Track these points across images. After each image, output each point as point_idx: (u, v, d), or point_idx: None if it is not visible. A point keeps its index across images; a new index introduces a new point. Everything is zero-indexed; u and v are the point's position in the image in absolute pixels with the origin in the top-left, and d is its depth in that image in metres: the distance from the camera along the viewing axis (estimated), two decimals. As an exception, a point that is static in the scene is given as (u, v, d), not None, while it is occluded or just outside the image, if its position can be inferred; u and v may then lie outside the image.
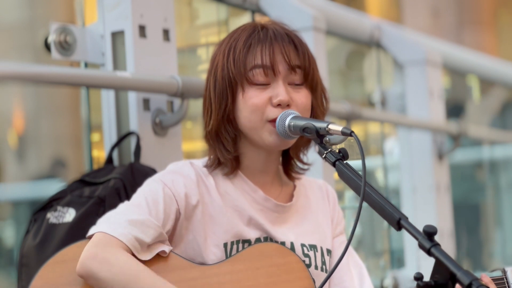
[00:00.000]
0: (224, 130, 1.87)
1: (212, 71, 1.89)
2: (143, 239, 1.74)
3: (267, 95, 1.84)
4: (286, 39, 1.86)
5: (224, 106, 1.86)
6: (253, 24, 1.90)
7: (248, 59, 1.84)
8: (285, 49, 1.85)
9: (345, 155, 1.71)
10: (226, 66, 1.85)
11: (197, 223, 1.83)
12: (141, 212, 1.77)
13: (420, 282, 1.51)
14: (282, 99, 1.82)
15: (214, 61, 1.90)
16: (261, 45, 1.84)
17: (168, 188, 1.82)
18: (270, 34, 1.86)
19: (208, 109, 1.89)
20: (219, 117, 1.86)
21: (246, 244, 1.84)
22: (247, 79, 1.84)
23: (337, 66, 4.25)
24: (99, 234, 1.74)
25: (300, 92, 1.87)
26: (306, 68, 1.87)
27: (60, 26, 2.30)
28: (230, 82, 1.85)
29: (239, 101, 1.85)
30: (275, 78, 1.85)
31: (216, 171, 1.90)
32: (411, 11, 10.87)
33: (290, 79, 1.86)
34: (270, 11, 3.14)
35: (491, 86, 6.04)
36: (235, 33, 1.90)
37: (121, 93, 2.41)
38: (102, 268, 1.68)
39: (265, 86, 1.85)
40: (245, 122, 1.85)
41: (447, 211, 4.07)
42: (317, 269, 1.90)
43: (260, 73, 1.84)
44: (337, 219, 2.02)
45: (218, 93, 1.86)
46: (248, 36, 1.86)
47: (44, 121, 8.43)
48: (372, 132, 4.31)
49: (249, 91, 1.84)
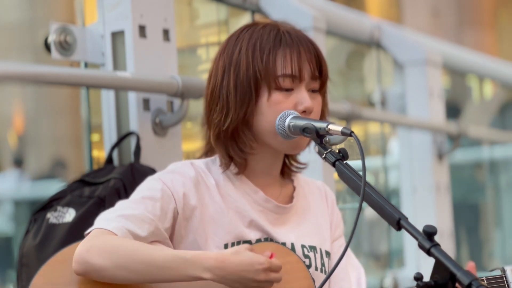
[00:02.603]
0: (241, 131, 1.85)
1: (232, 68, 1.85)
2: (137, 233, 1.73)
3: (292, 102, 1.83)
4: (311, 46, 1.86)
5: (246, 106, 1.83)
6: (275, 24, 1.88)
7: (278, 62, 1.83)
8: (311, 58, 1.85)
9: (345, 155, 1.70)
10: (252, 65, 1.83)
11: (197, 224, 1.83)
12: (137, 208, 1.77)
13: (420, 282, 1.51)
14: (308, 106, 1.83)
15: (231, 58, 1.85)
16: (289, 49, 1.83)
17: (166, 186, 1.82)
18: (295, 38, 1.85)
19: (226, 106, 1.85)
20: (239, 117, 1.83)
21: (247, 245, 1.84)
22: (276, 83, 1.83)
23: (337, 66, 4.25)
24: (94, 230, 1.74)
25: (316, 98, 1.88)
26: (325, 76, 1.89)
27: (60, 26, 2.30)
28: (256, 81, 1.83)
29: (263, 104, 1.83)
30: (299, 84, 1.85)
31: (215, 167, 1.89)
32: (411, 11, 10.87)
33: (310, 86, 1.87)
34: (270, 11, 3.14)
35: (491, 86, 6.05)
36: (253, 31, 1.87)
37: (121, 93, 2.41)
38: (98, 256, 1.67)
39: (290, 91, 1.84)
40: (266, 126, 1.84)
41: (447, 211, 4.07)
42: (317, 270, 1.90)
43: (288, 80, 1.84)
44: (336, 222, 2.01)
45: (240, 92, 1.83)
46: (275, 36, 1.85)
47: (44, 121, 8.43)
48: (372, 132, 4.31)
49: (275, 95, 1.83)
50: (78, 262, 1.68)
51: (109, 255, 1.67)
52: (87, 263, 1.68)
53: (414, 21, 10.44)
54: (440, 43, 5.01)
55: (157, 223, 1.77)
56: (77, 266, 1.69)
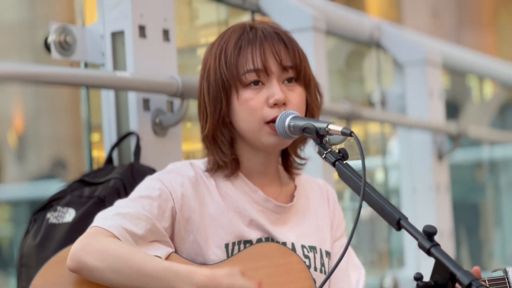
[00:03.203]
0: (220, 134, 1.87)
1: (205, 75, 1.88)
2: (134, 231, 1.73)
3: (263, 96, 1.84)
4: (276, 38, 1.86)
5: (219, 109, 1.85)
6: (242, 25, 1.89)
7: (240, 62, 1.84)
8: (275, 49, 1.84)
9: (345, 155, 1.70)
10: (219, 70, 1.85)
11: (197, 224, 1.83)
12: (134, 206, 1.77)
13: (420, 282, 1.50)
14: (278, 98, 1.82)
15: (205, 64, 1.89)
16: (251, 47, 1.84)
17: (165, 186, 1.82)
18: (260, 34, 1.85)
19: (204, 112, 1.88)
20: (214, 121, 1.86)
21: (248, 244, 1.84)
22: (241, 82, 1.84)
23: (337, 66, 4.25)
24: (90, 228, 1.75)
25: (294, 90, 1.86)
26: (297, 65, 1.86)
27: (60, 26, 2.30)
28: (223, 85, 1.84)
29: (235, 104, 1.85)
30: (268, 78, 1.84)
31: (217, 173, 1.90)
32: (411, 11, 10.87)
33: (283, 77, 1.86)
34: (270, 11, 3.14)
35: (491, 86, 6.05)
36: (225, 35, 1.89)
37: (121, 93, 2.41)
38: (91, 256, 1.67)
39: (259, 87, 1.84)
40: (242, 125, 1.85)
41: (447, 211, 4.07)
42: (316, 270, 1.90)
43: (253, 76, 1.84)
44: (338, 222, 2.01)
45: (212, 97, 1.86)
46: (238, 38, 1.86)
47: (44, 121, 8.43)
48: (372, 132, 4.31)
49: (244, 94, 1.84)
50: (72, 260, 1.69)
51: (102, 257, 1.67)
52: (80, 261, 1.68)
53: (414, 21, 10.43)
54: (440, 43, 5.01)
55: (154, 221, 1.77)
56: (70, 263, 1.69)
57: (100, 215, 1.79)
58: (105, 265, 1.67)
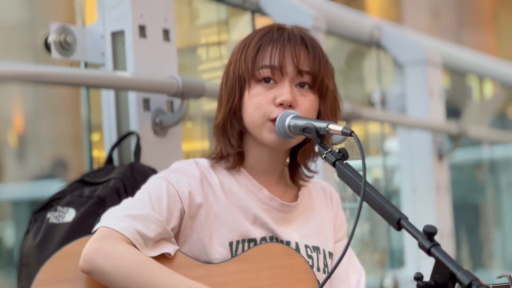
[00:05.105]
0: (230, 125, 1.88)
1: (227, 67, 1.92)
2: (145, 233, 1.74)
3: (271, 95, 1.84)
4: (299, 41, 1.86)
5: (232, 101, 1.87)
6: (272, 25, 1.92)
7: (258, 58, 1.85)
8: (296, 51, 1.85)
9: (345, 155, 1.70)
10: (238, 63, 1.87)
11: (201, 222, 1.83)
12: (144, 208, 1.78)
13: (420, 282, 1.50)
14: (284, 99, 1.82)
15: (230, 57, 1.92)
16: (272, 45, 1.85)
17: (172, 186, 1.83)
18: (285, 35, 1.87)
19: (220, 103, 1.91)
20: (226, 112, 1.88)
21: (252, 243, 1.84)
22: (254, 77, 1.85)
23: (337, 66, 4.24)
24: (101, 229, 1.74)
25: (306, 96, 1.86)
26: (315, 72, 1.86)
27: (60, 26, 2.30)
28: (239, 78, 1.87)
29: (245, 98, 1.86)
30: (282, 78, 1.85)
31: (219, 165, 1.90)
32: (411, 11, 10.88)
33: (297, 81, 1.86)
34: (270, 11, 3.14)
35: (491, 86, 6.05)
36: (253, 33, 1.92)
37: (121, 93, 2.41)
38: (106, 260, 1.68)
39: (270, 85, 1.85)
40: (248, 119, 1.86)
41: (447, 211, 4.07)
42: (319, 271, 1.90)
43: (267, 72, 1.84)
44: (340, 223, 2.01)
45: (228, 88, 1.88)
46: (263, 35, 1.88)
47: (44, 121, 8.43)
48: (372, 132, 4.31)
49: (255, 89, 1.85)
50: (85, 261, 1.69)
51: (118, 263, 1.68)
52: (94, 265, 1.68)
53: (414, 21, 10.44)
54: (440, 43, 5.01)
55: (164, 224, 1.78)
56: (83, 264, 1.70)
57: (108, 214, 1.79)
58: (118, 271, 1.68)
